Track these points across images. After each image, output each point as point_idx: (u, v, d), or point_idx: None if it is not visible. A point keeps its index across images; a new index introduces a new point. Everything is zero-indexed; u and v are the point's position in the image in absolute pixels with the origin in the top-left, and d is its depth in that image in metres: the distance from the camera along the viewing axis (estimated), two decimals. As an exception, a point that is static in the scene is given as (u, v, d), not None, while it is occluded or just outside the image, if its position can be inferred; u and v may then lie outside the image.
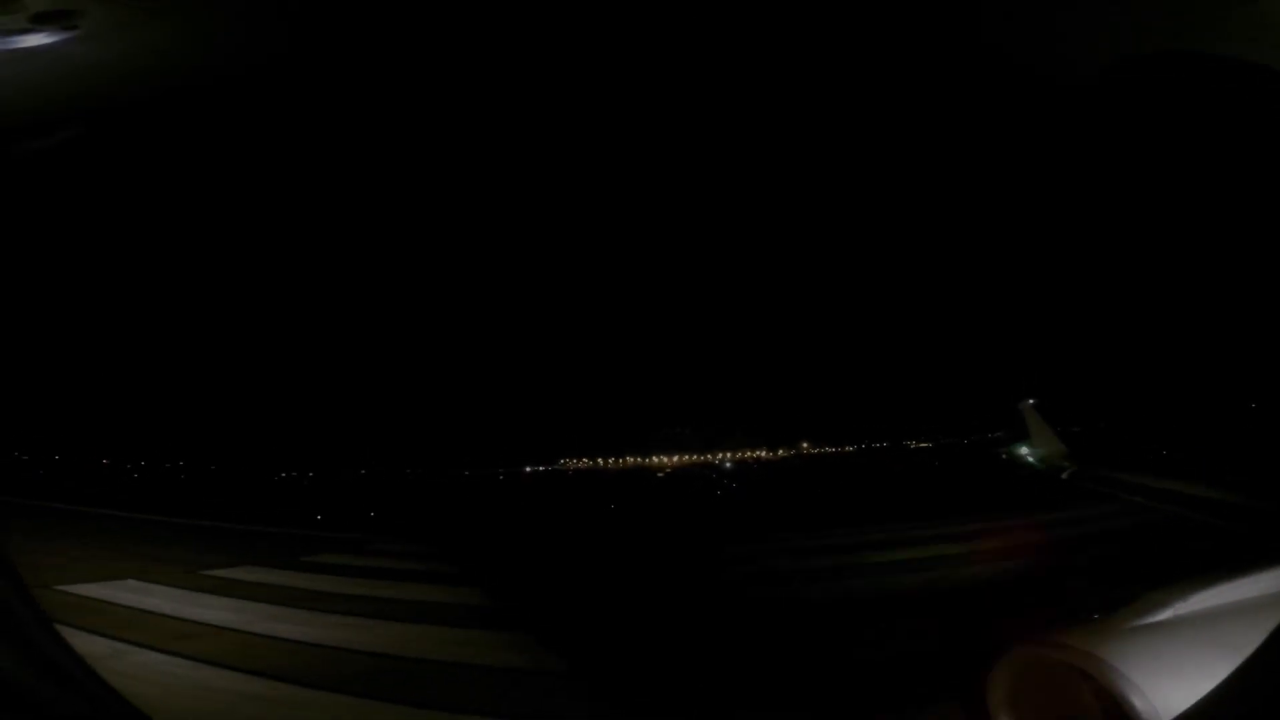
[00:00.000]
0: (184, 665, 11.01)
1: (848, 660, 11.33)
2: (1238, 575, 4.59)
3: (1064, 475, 12.61)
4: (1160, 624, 4.60)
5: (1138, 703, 4.01)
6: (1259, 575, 4.61)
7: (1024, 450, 14.13)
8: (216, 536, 23.43)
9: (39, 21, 2.86)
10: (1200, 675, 4.02)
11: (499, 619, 14.50)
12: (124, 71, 3.22)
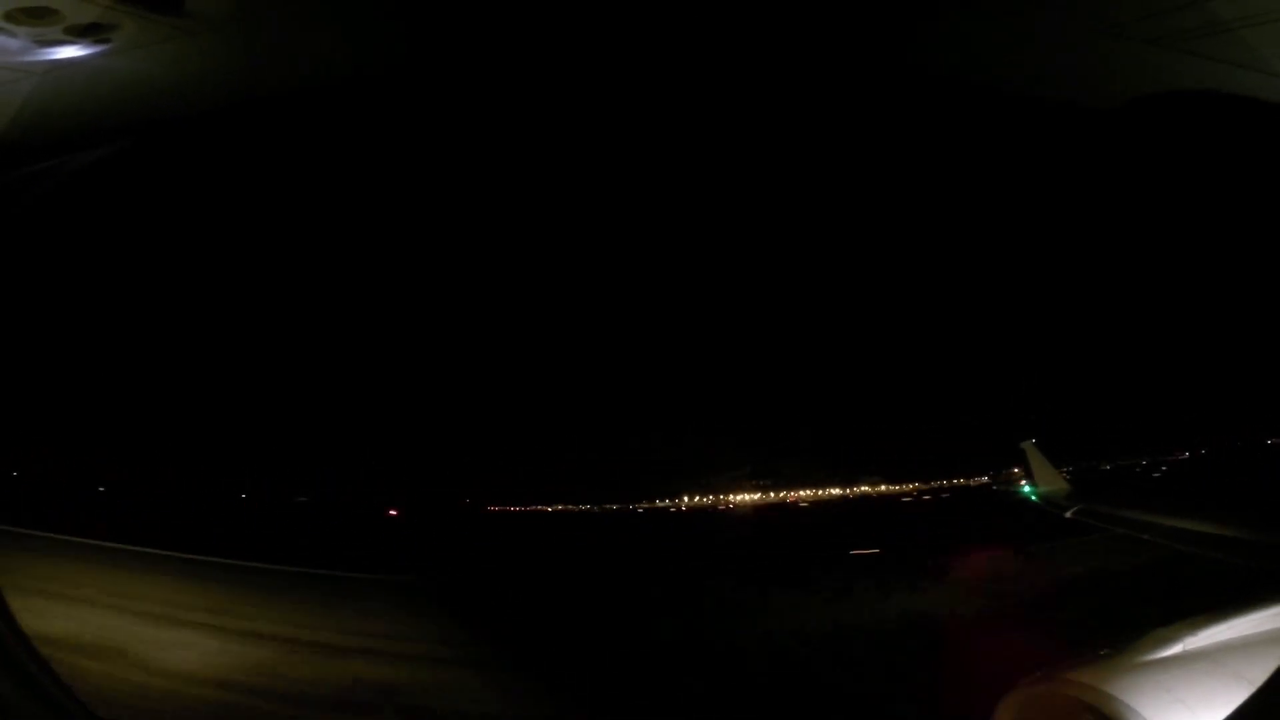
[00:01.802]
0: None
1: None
2: (1245, 610, 4.56)
3: (1068, 514, 12.52)
4: (1169, 659, 4.56)
5: (1148, 740, 3.97)
6: (1267, 610, 4.58)
7: (1027, 489, 14.04)
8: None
9: (73, 34, 2.94)
10: (1210, 711, 3.97)
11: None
12: (158, 87, 3.30)
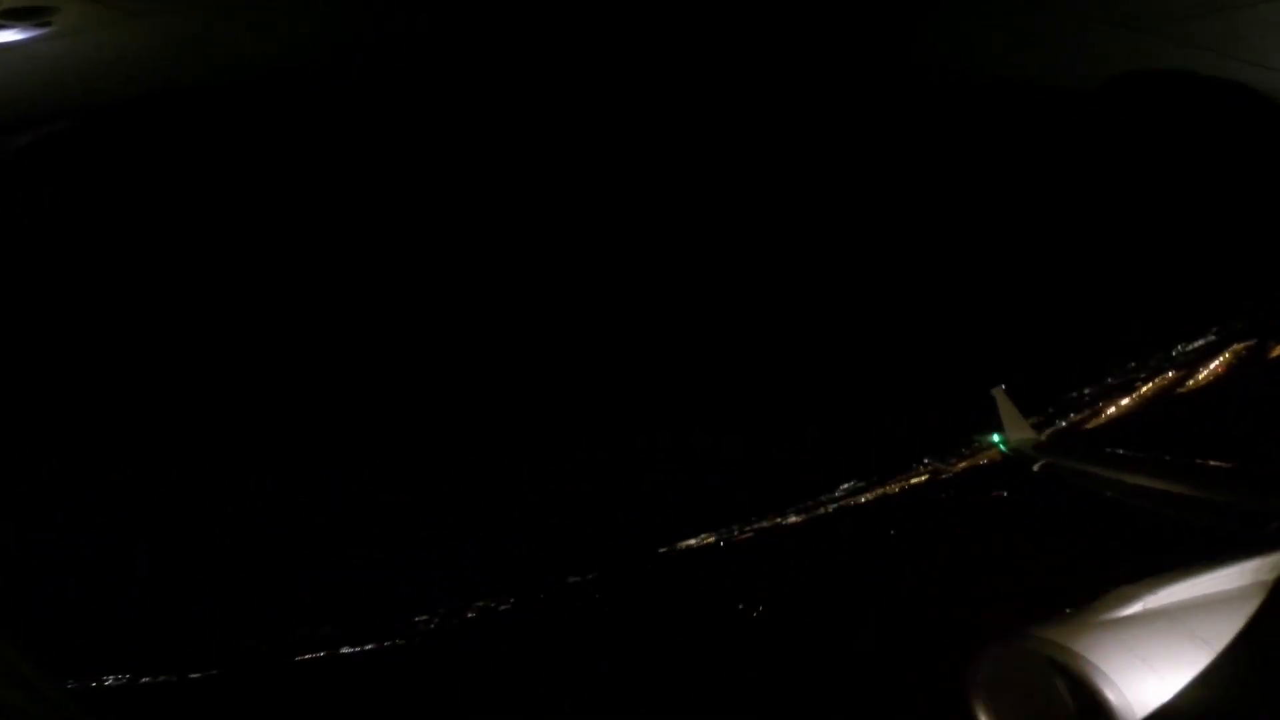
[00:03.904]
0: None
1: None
2: (1206, 569, 4.72)
3: (1035, 467, 12.73)
4: (1131, 618, 4.72)
5: (1111, 696, 4.12)
6: (1227, 569, 4.74)
7: (996, 439, 14.17)
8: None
9: (10, 18, 2.78)
10: (1171, 668, 4.14)
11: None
12: (99, 70, 3.14)
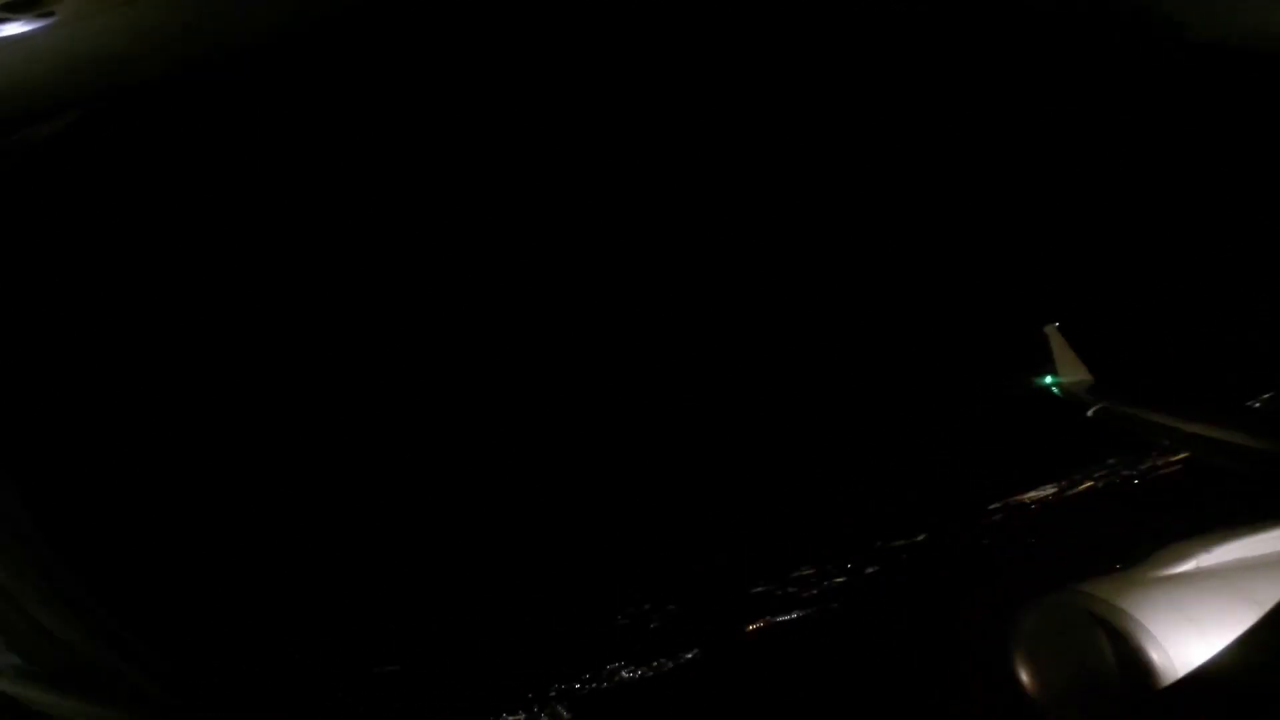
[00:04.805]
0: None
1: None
2: (1260, 528, 4.53)
3: (1090, 413, 12.22)
4: (1181, 576, 4.59)
5: (1154, 655, 4.04)
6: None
7: (1048, 380, 13.51)
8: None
9: (12, 10, 2.79)
10: (1220, 629, 4.02)
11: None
12: (106, 59, 3.15)
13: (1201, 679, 3.63)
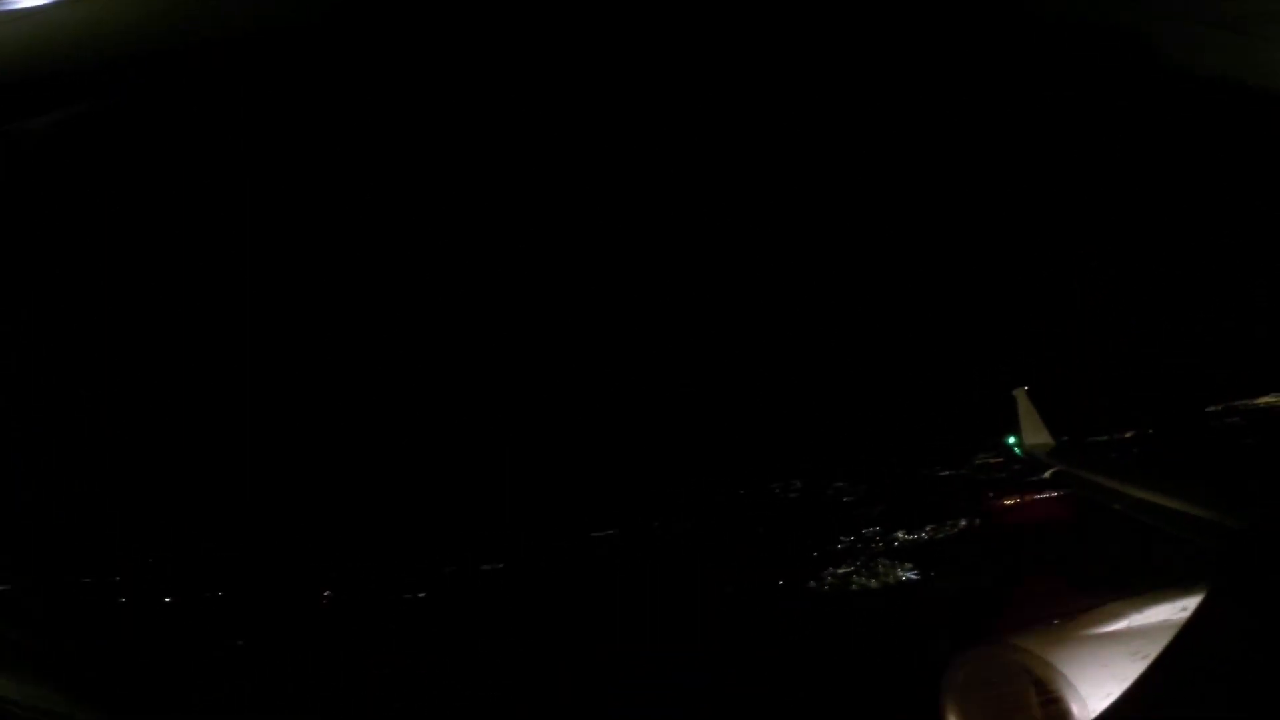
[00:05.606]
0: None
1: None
2: (1197, 592, 4.59)
3: (1047, 474, 12.49)
4: (1113, 634, 4.64)
5: (1076, 710, 4.06)
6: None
7: (1011, 440, 13.88)
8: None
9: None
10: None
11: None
12: (123, 31, 3.08)
13: None
